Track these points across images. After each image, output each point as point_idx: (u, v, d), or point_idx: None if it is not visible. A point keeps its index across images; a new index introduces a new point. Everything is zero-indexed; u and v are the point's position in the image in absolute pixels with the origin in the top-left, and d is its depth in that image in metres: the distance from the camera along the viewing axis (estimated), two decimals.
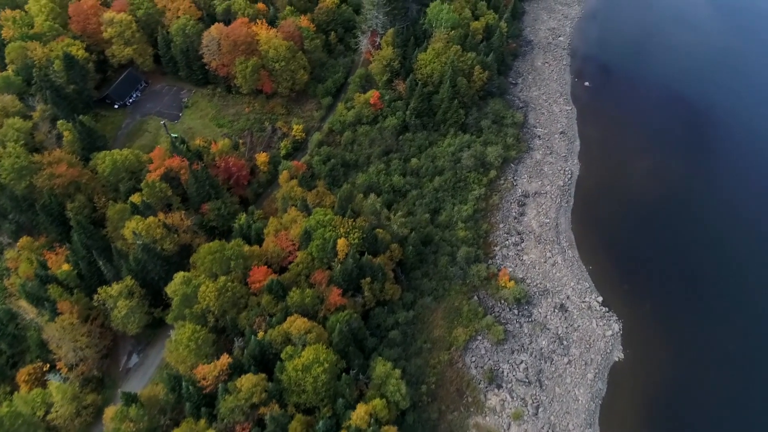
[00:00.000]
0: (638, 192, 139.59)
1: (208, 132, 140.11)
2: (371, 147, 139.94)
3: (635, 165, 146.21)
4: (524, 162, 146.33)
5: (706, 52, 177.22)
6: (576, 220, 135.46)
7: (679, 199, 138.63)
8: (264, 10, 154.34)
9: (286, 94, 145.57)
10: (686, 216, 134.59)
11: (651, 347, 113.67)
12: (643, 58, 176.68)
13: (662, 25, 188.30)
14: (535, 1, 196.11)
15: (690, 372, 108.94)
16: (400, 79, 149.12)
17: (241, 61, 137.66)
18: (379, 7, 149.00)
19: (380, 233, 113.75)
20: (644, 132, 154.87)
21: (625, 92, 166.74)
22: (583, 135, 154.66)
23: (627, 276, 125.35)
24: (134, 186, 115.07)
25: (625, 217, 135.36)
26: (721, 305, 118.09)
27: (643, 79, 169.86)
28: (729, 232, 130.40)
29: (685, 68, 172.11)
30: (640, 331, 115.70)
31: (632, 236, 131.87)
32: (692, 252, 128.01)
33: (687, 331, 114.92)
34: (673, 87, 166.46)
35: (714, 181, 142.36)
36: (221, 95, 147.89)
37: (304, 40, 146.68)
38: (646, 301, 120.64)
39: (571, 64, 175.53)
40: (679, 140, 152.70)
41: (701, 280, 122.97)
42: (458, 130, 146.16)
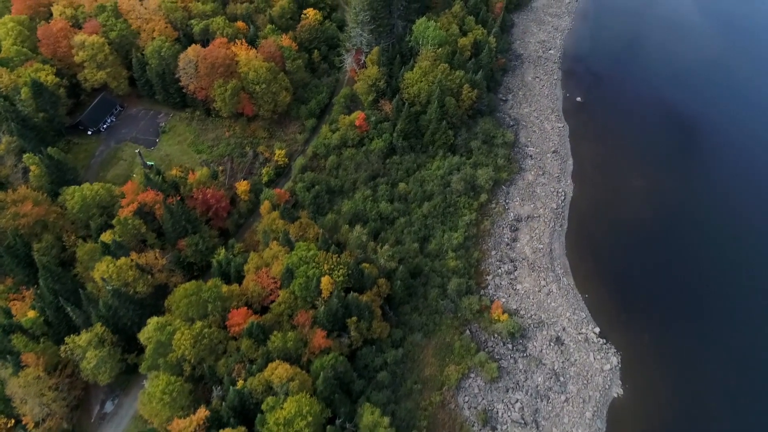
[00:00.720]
0: (634, 213, 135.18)
1: (187, 159, 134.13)
2: (357, 172, 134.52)
3: (630, 184, 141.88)
4: (516, 184, 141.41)
5: (699, 63, 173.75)
6: (570, 245, 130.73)
7: (676, 219, 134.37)
8: (244, 29, 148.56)
9: (268, 116, 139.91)
10: (685, 238, 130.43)
11: (651, 381, 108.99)
12: (636, 70, 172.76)
13: (654, 36, 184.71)
14: (524, 12, 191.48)
15: (692, 408, 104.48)
16: (386, 99, 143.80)
17: (219, 84, 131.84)
18: (364, 25, 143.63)
19: (367, 268, 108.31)
20: (638, 148, 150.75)
21: (617, 106, 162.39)
22: (576, 153, 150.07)
23: (624, 304, 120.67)
24: (106, 222, 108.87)
25: (621, 240, 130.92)
26: (724, 334, 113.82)
27: (636, 92, 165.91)
28: (730, 254, 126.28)
29: (678, 80, 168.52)
30: (639, 364, 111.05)
31: (629, 261, 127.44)
32: (692, 276, 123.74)
33: (688, 362, 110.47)
34: (666, 100, 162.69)
35: (712, 199, 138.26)
36: (200, 119, 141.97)
37: (286, 60, 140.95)
38: (644, 331, 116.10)
39: (563, 78, 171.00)
40: (674, 156, 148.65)
41: (702, 306, 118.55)
42: (447, 151, 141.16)
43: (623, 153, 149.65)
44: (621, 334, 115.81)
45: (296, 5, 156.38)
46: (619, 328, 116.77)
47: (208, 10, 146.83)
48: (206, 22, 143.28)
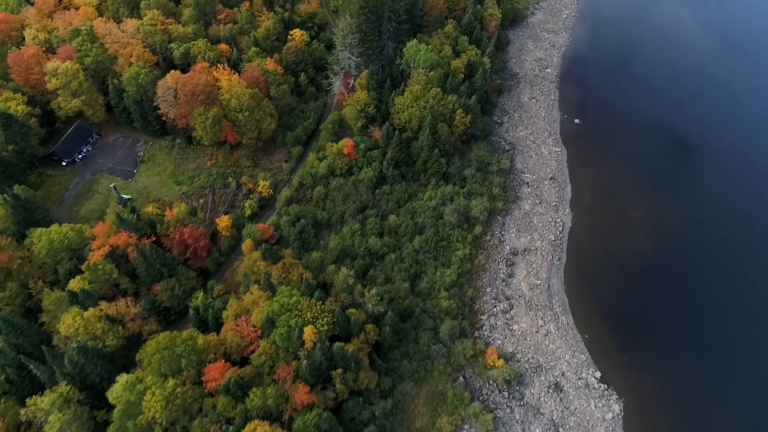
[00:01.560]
0: (635, 245, 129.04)
1: (166, 191, 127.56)
2: (345, 203, 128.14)
3: (631, 213, 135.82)
4: (512, 213, 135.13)
5: (701, 80, 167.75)
6: (569, 280, 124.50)
7: (679, 251, 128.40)
8: (227, 52, 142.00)
9: (252, 144, 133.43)
10: (689, 271, 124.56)
11: (655, 430, 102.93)
12: (635, 89, 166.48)
13: (654, 52, 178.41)
14: (520, 28, 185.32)
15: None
16: (376, 125, 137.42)
17: (200, 112, 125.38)
18: (352, 48, 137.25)
19: (354, 314, 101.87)
20: (639, 173, 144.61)
21: (617, 128, 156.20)
22: (575, 179, 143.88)
23: (627, 344, 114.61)
24: (76, 266, 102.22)
25: (623, 274, 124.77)
26: (733, 378, 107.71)
27: (636, 112, 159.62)
28: (738, 289, 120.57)
29: (680, 99, 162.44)
30: (643, 412, 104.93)
31: (631, 297, 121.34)
32: (698, 313, 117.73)
33: (695, 410, 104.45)
34: (667, 120, 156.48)
35: (717, 228, 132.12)
36: (181, 147, 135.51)
37: (270, 85, 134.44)
38: (648, 374, 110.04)
39: (560, 98, 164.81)
40: (676, 182, 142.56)
41: (710, 347, 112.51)
42: (440, 180, 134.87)
43: (623, 179, 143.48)
44: (623, 378, 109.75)
45: (282, 25, 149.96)
46: (622, 372, 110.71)
47: (190, 33, 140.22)
48: (187, 45, 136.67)
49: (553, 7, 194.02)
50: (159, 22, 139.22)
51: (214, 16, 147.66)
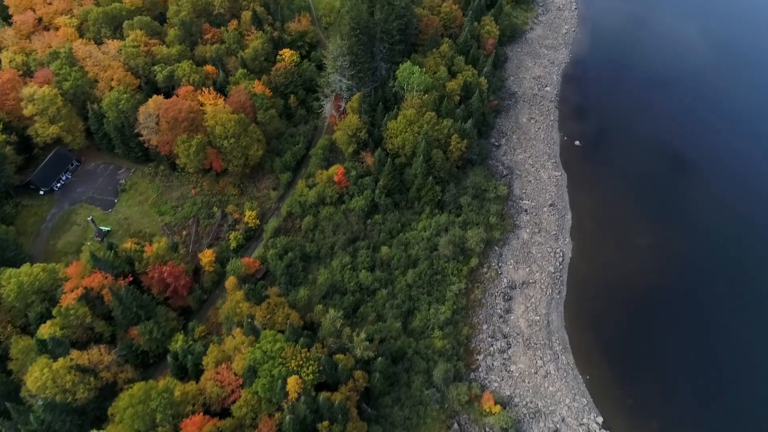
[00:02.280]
0: (638, 276, 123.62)
1: (147, 222, 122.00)
2: (335, 234, 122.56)
3: (634, 241, 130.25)
4: (510, 243, 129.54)
5: (706, 101, 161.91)
6: (570, 316, 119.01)
7: (685, 282, 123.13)
8: (213, 74, 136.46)
9: (239, 171, 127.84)
10: (696, 304, 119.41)
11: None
12: (638, 108, 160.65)
13: (658, 70, 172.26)
14: (518, 44, 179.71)
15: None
16: (368, 150, 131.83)
17: (183, 139, 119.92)
18: (343, 71, 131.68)
19: (341, 360, 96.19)
20: (641, 198, 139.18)
21: (618, 151, 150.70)
22: (575, 206, 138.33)
23: (630, 386, 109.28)
24: (48, 309, 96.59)
25: (625, 308, 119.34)
26: (743, 423, 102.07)
27: (638, 133, 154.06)
28: (748, 324, 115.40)
29: (684, 120, 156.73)
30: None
31: (634, 333, 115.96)
32: (706, 352, 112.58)
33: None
34: (671, 142, 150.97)
35: (725, 257, 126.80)
36: (165, 174, 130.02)
37: (258, 110, 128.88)
38: (653, 419, 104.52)
39: (560, 118, 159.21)
40: (681, 207, 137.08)
41: (717, 389, 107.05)
42: (434, 208, 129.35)
43: (625, 204, 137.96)
44: (627, 423, 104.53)
45: (271, 45, 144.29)
46: (625, 417, 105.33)
47: (174, 54, 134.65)
48: (171, 68, 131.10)
49: (553, 22, 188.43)
50: (142, 44, 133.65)
51: (200, 35, 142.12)
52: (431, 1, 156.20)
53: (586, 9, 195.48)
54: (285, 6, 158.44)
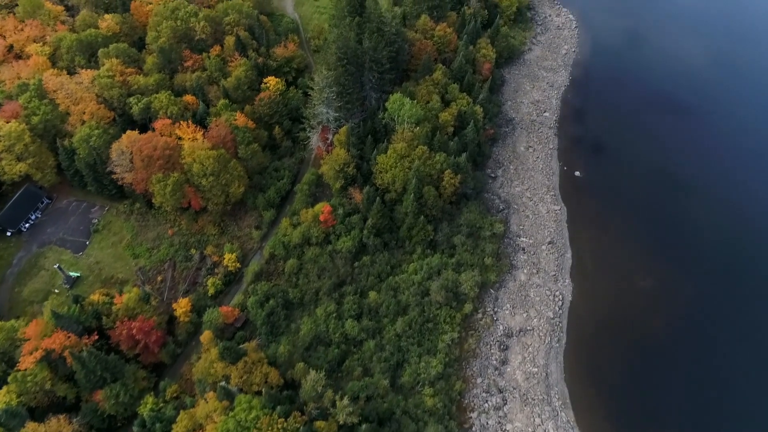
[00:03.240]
0: (643, 322, 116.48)
1: (120, 266, 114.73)
2: (320, 278, 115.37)
3: (637, 284, 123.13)
4: (506, 286, 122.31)
5: (717, 128, 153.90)
6: (569, 366, 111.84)
7: (693, 329, 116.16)
8: (193, 105, 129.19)
9: (219, 210, 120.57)
10: (705, 354, 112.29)
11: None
12: (641, 135, 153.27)
13: (664, 92, 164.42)
14: (516, 66, 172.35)
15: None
16: (356, 186, 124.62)
17: (158, 178, 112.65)
18: (330, 102, 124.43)
19: (322, 428, 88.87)
20: (645, 235, 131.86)
21: (621, 182, 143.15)
22: (575, 243, 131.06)
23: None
24: (5, 372, 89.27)
25: (629, 358, 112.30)
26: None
27: (642, 163, 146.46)
28: (760, 373, 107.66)
29: (691, 149, 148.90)
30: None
31: (638, 385, 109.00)
32: (716, 406, 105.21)
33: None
34: (677, 173, 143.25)
35: (734, 301, 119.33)
36: (141, 212, 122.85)
37: (239, 145, 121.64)
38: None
39: (559, 146, 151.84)
40: (688, 244, 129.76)
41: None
42: (426, 247, 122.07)
43: (628, 242, 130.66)
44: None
45: (255, 72, 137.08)
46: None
47: (151, 84, 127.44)
48: (147, 99, 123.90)
49: (552, 42, 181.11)
50: (118, 73, 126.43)
51: (180, 63, 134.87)
52: (424, 24, 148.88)
53: (586, 28, 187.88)
54: (271, 29, 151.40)
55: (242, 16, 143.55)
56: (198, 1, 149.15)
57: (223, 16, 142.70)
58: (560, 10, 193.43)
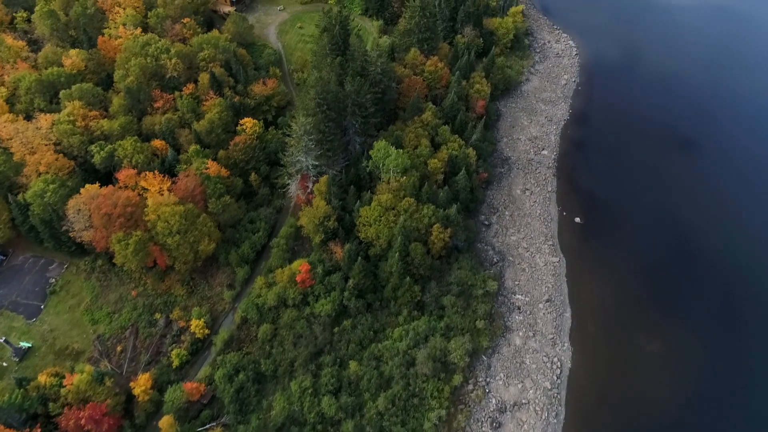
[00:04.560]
0: (649, 394, 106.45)
1: (77, 335, 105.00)
2: (296, 347, 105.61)
3: (644, 347, 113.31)
4: (500, 351, 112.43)
5: (732, 168, 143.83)
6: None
7: (706, 402, 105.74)
8: (162, 150, 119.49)
9: (187, 268, 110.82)
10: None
11: None
12: (650, 177, 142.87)
13: (674, 126, 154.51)
14: (512, 98, 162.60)
15: None
16: (338, 241, 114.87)
17: (119, 238, 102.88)
18: (308, 151, 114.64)
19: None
20: (652, 292, 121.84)
21: (625, 230, 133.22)
22: (575, 300, 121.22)
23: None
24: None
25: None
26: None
27: (649, 209, 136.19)
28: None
29: (705, 192, 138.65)
30: None
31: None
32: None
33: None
34: (689, 221, 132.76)
35: (753, 371, 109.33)
36: (103, 270, 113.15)
37: (209, 198, 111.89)
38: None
39: (558, 189, 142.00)
40: (699, 302, 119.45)
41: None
42: (413, 309, 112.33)
43: (634, 299, 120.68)
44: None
45: (231, 112, 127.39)
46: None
47: (117, 128, 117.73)
48: (110, 147, 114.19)
49: (551, 71, 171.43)
50: (80, 117, 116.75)
51: (150, 103, 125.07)
52: (414, 59, 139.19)
53: (587, 55, 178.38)
54: (250, 64, 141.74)
55: (218, 51, 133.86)
56: (172, 34, 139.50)
57: (197, 51, 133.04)
58: (560, 36, 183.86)
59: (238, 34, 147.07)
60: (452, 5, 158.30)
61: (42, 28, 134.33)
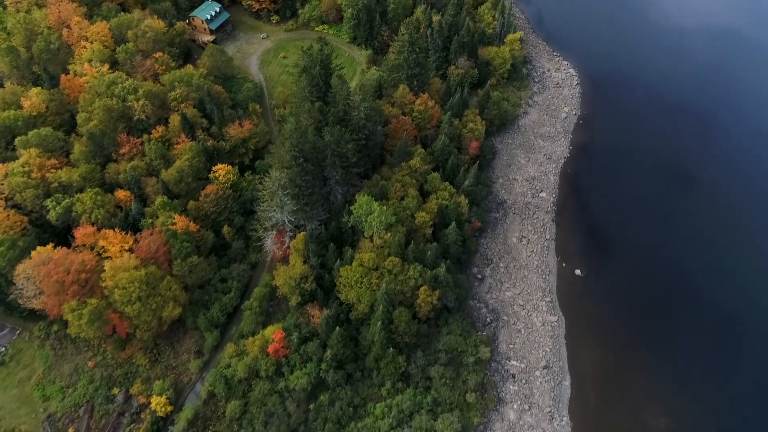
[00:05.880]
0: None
1: (25, 413, 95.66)
2: (267, 427, 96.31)
3: (650, 422, 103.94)
4: (492, 428, 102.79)
5: (740, 214, 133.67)
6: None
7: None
8: (126, 202, 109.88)
9: (150, 336, 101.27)
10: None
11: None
12: (656, 223, 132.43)
13: (680, 162, 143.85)
14: (509, 133, 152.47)
15: None
16: (316, 304, 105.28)
17: (72, 307, 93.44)
18: (283, 207, 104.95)
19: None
20: (659, 356, 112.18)
21: (630, 284, 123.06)
22: (575, 367, 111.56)
23: None
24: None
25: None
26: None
27: (657, 260, 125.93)
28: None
29: (717, 240, 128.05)
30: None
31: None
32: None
33: None
34: (699, 275, 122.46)
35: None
36: (58, 337, 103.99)
37: (174, 259, 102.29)
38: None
39: (557, 236, 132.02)
40: (711, 373, 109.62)
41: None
42: (397, 380, 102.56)
43: (638, 365, 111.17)
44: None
45: (204, 157, 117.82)
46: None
47: (76, 179, 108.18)
48: (67, 202, 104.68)
49: (550, 103, 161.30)
50: (36, 167, 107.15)
51: (115, 149, 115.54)
52: (402, 97, 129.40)
53: (589, 85, 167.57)
54: (227, 101, 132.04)
55: (191, 89, 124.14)
56: (145, 68, 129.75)
57: (168, 90, 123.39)
58: (560, 64, 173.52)
59: (216, 68, 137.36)
60: (445, 35, 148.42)
61: (1, 66, 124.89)
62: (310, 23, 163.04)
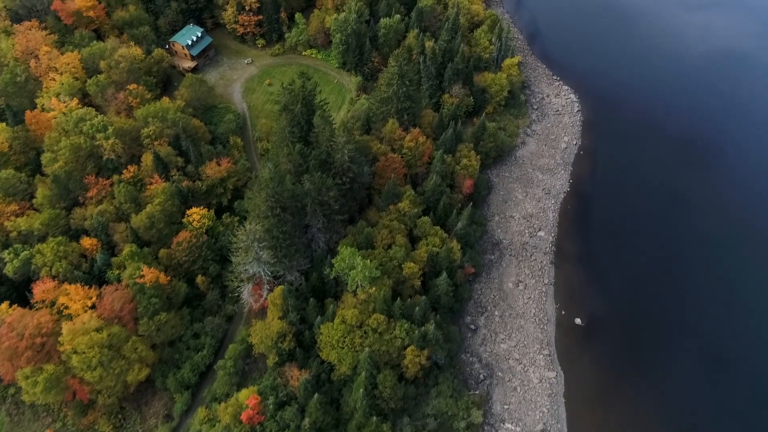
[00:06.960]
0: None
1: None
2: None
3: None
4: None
5: (750, 251, 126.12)
6: None
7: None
8: (92, 250, 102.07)
9: (114, 400, 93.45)
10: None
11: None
12: (660, 263, 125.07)
13: (686, 198, 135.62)
14: (506, 166, 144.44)
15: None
16: (294, 364, 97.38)
17: (25, 374, 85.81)
18: (260, 259, 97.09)
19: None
20: (664, 418, 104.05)
21: (634, 334, 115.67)
22: (575, 430, 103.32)
23: None
24: None
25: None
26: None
27: (661, 308, 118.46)
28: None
29: (726, 287, 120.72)
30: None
31: None
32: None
33: None
34: (706, 325, 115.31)
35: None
36: (15, 401, 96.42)
37: (141, 318, 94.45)
38: None
39: (556, 281, 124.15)
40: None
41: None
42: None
43: (643, 425, 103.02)
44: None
45: (178, 200, 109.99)
46: None
47: (38, 227, 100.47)
48: (26, 253, 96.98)
49: (550, 132, 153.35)
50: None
51: (82, 192, 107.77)
52: (391, 132, 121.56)
53: (591, 111, 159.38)
54: (205, 135, 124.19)
55: (166, 125, 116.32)
56: (117, 102, 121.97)
57: (141, 126, 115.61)
58: (560, 88, 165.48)
59: (195, 99, 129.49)
60: (439, 61, 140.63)
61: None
62: (297, 47, 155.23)
